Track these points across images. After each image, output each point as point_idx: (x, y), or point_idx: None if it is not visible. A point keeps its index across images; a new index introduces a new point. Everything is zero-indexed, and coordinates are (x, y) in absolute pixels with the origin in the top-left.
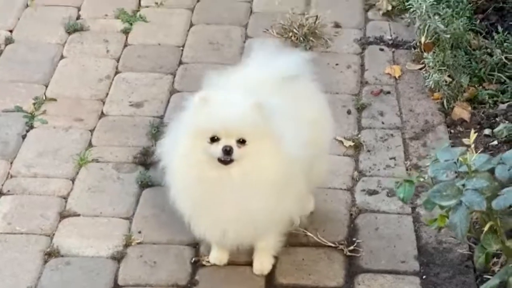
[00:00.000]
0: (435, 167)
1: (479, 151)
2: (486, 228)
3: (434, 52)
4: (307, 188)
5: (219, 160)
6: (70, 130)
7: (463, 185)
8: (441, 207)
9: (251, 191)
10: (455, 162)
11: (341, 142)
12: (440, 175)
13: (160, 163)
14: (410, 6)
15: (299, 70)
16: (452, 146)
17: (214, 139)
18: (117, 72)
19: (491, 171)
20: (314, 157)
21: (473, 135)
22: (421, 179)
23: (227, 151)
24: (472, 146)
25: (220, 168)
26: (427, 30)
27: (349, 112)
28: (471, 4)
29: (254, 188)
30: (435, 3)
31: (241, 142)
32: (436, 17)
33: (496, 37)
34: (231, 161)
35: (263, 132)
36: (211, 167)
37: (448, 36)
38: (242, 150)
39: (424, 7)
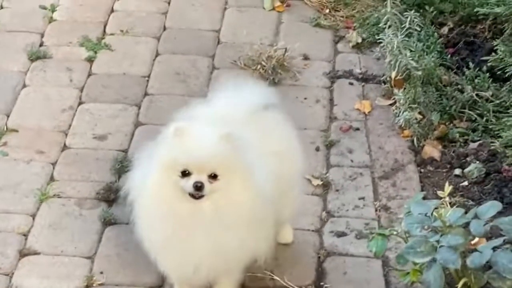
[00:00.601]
0: (408, 221)
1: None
2: (460, 285)
3: (404, 89)
4: (276, 224)
5: (190, 194)
6: (32, 163)
7: (438, 241)
8: (415, 263)
9: (224, 226)
10: (429, 216)
11: (309, 180)
12: (414, 229)
13: (127, 197)
14: (381, 40)
15: (267, 101)
16: (423, 197)
17: (185, 173)
18: (80, 103)
19: (466, 225)
20: (283, 192)
21: (447, 188)
22: (394, 233)
23: (198, 187)
24: (447, 198)
25: (191, 202)
26: (398, 66)
27: (317, 149)
28: (442, 38)
29: (226, 222)
30: (406, 38)
31: (213, 177)
32: (408, 52)
33: (467, 72)
34: (202, 196)
35: (234, 166)
36: (182, 200)
37: (420, 73)
38: (213, 185)
39: (395, 42)
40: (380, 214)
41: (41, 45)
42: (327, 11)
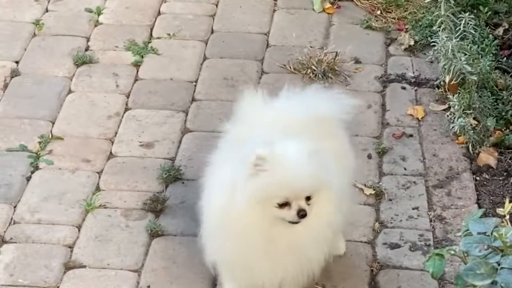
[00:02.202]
0: (467, 241)
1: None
2: None
3: (459, 94)
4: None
5: (291, 222)
6: (77, 172)
7: (498, 263)
8: (474, 286)
9: (315, 241)
10: (488, 235)
11: (361, 189)
12: (473, 249)
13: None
14: (434, 43)
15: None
16: (483, 213)
17: (284, 204)
18: (126, 109)
19: None
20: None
21: (508, 206)
22: (452, 252)
23: (303, 215)
24: (507, 217)
25: (287, 227)
26: (452, 70)
27: (369, 157)
28: (497, 40)
29: (317, 238)
30: (460, 41)
31: (308, 199)
32: (462, 56)
33: None
34: None
35: (325, 182)
36: (276, 225)
37: (475, 78)
38: (310, 206)
39: (449, 46)
40: (435, 224)
41: (86, 49)
42: (378, 12)
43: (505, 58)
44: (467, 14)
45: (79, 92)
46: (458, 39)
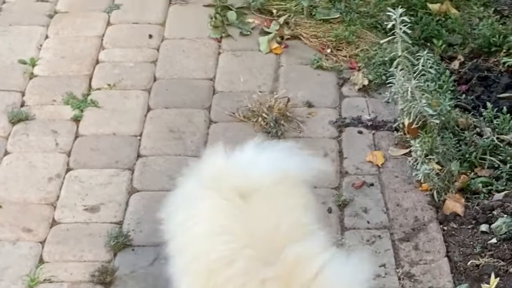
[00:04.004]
0: None
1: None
2: None
3: (420, 138)
4: None
5: None
6: (18, 243)
7: None
8: None
9: None
10: None
11: None
12: None
13: None
14: (390, 83)
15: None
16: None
17: None
18: (68, 170)
19: None
20: None
21: (493, 281)
22: None
23: None
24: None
25: None
26: (412, 113)
27: (329, 211)
28: (453, 74)
29: None
30: (417, 81)
31: None
32: (422, 99)
33: (484, 113)
34: None
35: None
36: None
37: (437, 121)
38: None
39: (408, 88)
40: (404, 283)
41: (22, 105)
42: (329, 51)
43: (463, 95)
44: (425, 52)
45: (16, 153)
46: (416, 79)
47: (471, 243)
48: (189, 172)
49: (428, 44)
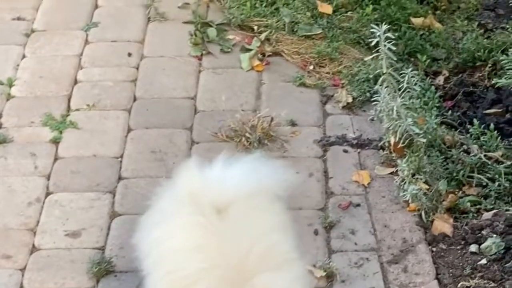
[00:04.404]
0: None
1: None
2: None
3: (407, 158)
4: None
5: None
6: None
7: None
8: None
9: None
10: None
11: (311, 271)
12: None
13: None
14: (375, 100)
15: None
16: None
17: None
18: (48, 194)
19: None
20: None
21: None
22: None
23: None
24: None
25: None
26: (398, 132)
27: (316, 233)
28: (438, 90)
29: None
30: (403, 99)
31: None
32: (409, 118)
33: (471, 130)
34: None
35: None
36: None
37: (424, 140)
38: None
39: (393, 106)
40: None
41: None
42: (311, 67)
43: (449, 111)
44: (410, 69)
45: None
46: (401, 97)
47: (461, 264)
48: (163, 191)
49: (412, 59)
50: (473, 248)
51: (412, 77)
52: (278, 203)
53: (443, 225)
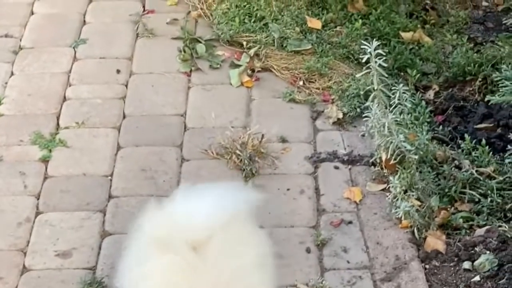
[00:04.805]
0: None
1: None
2: None
3: (399, 174)
4: None
5: None
6: None
7: None
8: None
9: None
10: None
11: None
12: None
13: None
14: (366, 116)
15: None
16: None
17: None
18: (38, 213)
19: None
20: None
21: None
22: None
23: None
24: None
25: None
26: (390, 148)
27: (308, 251)
28: (429, 105)
29: None
30: (394, 116)
31: None
32: (400, 135)
33: (462, 145)
34: None
35: None
36: None
37: (416, 156)
38: None
39: (385, 123)
40: None
41: None
42: (301, 83)
43: (440, 126)
44: (401, 85)
45: None
46: (392, 114)
47: (454, 281)
48: (134, 233)
49: (402, 73)
50: (466, 265)
51: (403, 92)
52: (258, 230)
53: (435, 242)
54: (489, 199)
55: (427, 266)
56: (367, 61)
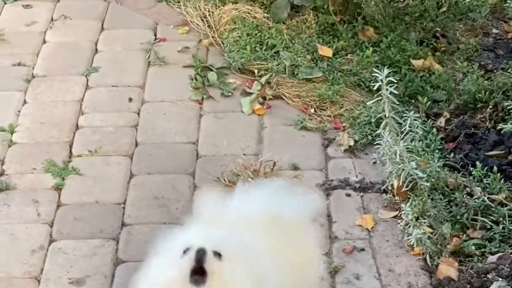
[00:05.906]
0: None
1: None
2: None
3: (411, 201)
4: None
5: None
6: None
7: None
8: None
9: None
10: None
11: None
12: None
13: None
14: (378, 144)
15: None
16: None
17: None
18: (51, 241)
19: None
20: None
21: None
22: None
23: None
24: None
25: None
26: (401, 176)
27: (321, 278)
28: (440, 132)
29: None
30: (405, 144)
31: None
32: (412, 163)
33: (474, 172)
34: None
35: None
36: None
37: (428, 184)
38: None
39: (397, 150)
40: None
41: (2, 174)
42: (312, 111)
43: (451, 153)
44: (412, 112)
45: None
46: (404, 141)
47: None
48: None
49: (413, 101)
50: None
51: (414, 120)
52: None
53: (448, 269)
54: (501, 226)
55: None
56: (378, 89)
